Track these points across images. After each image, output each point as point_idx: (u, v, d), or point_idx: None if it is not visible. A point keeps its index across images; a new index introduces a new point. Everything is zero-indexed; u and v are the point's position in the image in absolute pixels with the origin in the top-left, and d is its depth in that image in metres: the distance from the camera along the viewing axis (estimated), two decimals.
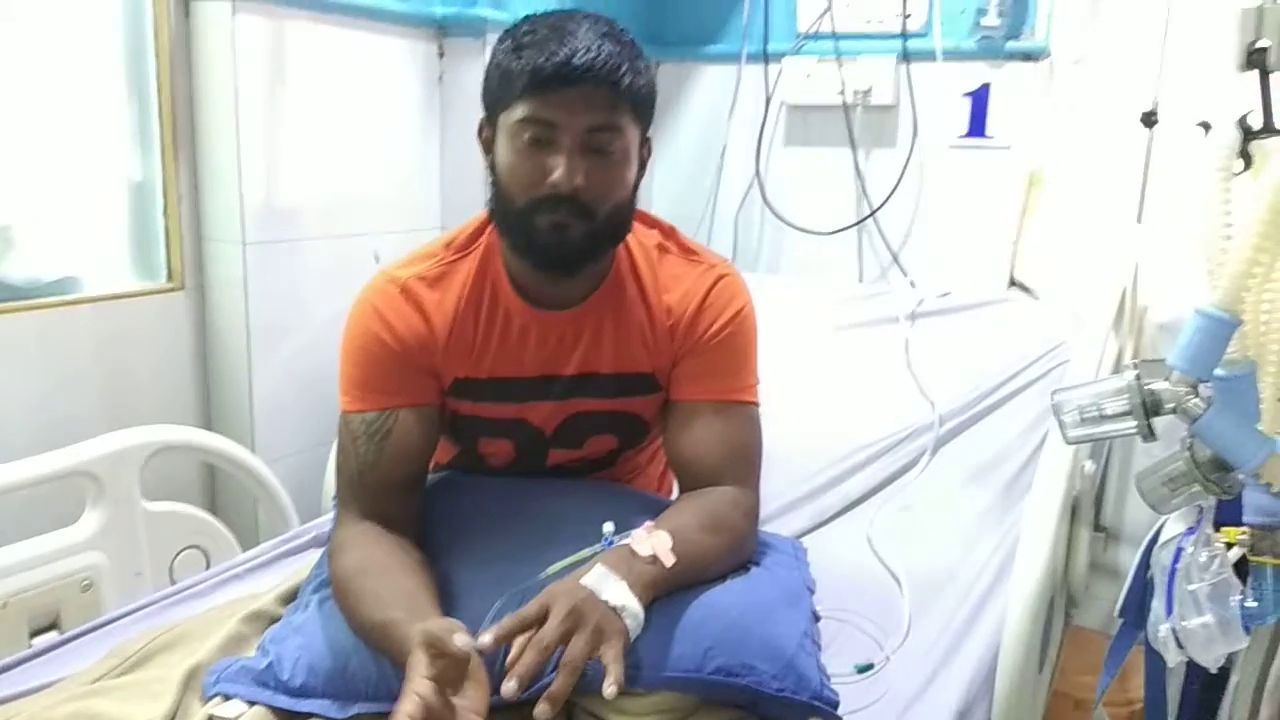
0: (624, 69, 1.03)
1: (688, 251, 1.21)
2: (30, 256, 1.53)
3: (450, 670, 0.85)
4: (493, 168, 1.09)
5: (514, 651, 0.88)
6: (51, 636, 1.28)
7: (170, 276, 1.71)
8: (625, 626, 0.91)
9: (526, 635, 0.89)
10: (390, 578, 1.00)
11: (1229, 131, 0.90)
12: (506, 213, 1.07)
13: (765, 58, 2.28)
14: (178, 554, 1.49)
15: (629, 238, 1.17)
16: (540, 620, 0.89)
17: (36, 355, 1.53)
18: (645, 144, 1.12)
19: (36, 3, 1.49)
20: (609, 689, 0.85)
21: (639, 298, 1.16)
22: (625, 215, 1.10)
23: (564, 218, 1.03)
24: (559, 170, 1.01)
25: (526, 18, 1.07)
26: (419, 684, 0.82)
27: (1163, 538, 1.10)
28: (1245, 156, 0.93)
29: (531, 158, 1.03)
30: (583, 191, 1.02)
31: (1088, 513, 1.40)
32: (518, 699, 0.85)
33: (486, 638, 0.87)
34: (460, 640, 0.84)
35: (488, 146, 1.11)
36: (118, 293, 1.64)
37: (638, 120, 1.08)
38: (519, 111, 1.03)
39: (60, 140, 1.54)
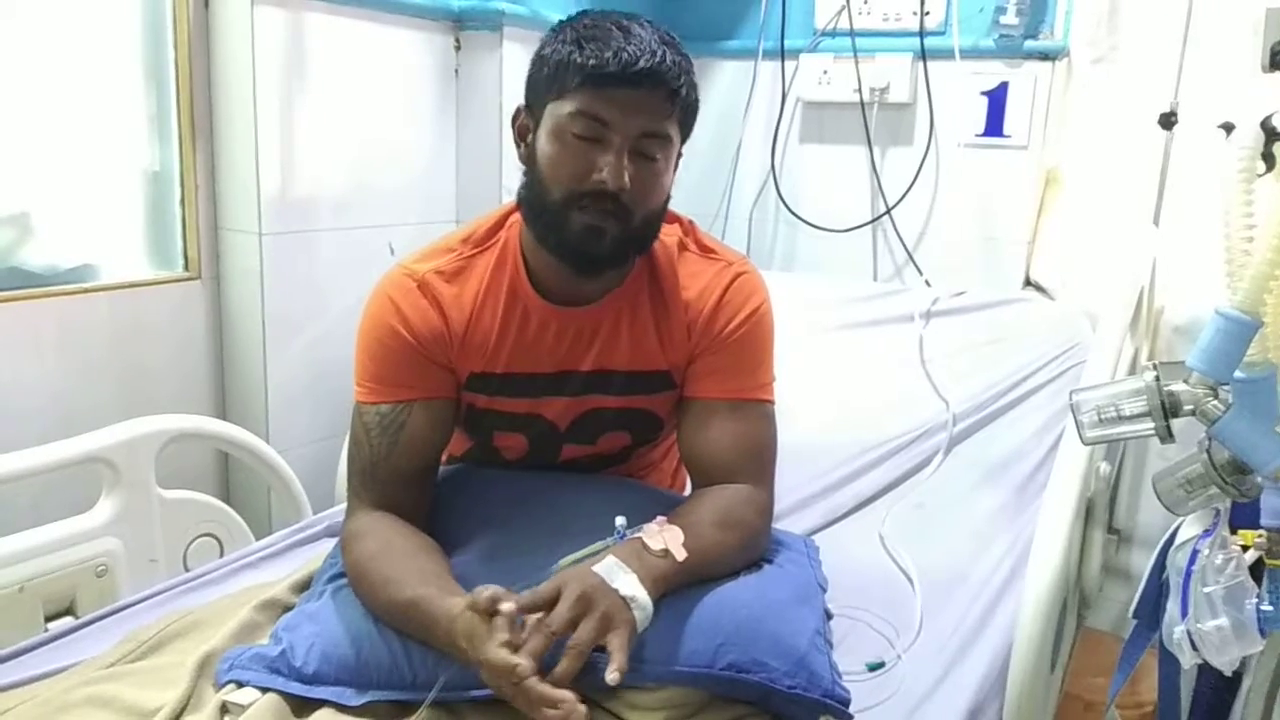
0: (682, 79, 1.04)
1: (706, 249, 1.21)
2: (48, 244, 1.54)
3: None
4: (529, 158, 1.09)
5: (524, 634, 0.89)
6: (67, 621, 1.28)
7: (187, 266, 1.72)
8: (633, 617, 0.91)
9: (536, 617, 0.89)
10: (412, 559, 1.01)
11: (1252, 133, 0.90)
12: (540, 204, 1.07)
13: (782, 54, 2.27)
14: (192, 541, 1.50)
15: None
16: (551, 603, 0.89)
17: (54, 342, 1.54)
18: (679, 155, 1.12)
19: None
20: (611, 675, 0.85)
21: (657, 295, 1.16)
22: (656, 224, 1.11)
23: (601, 220, 1.03)
24: (607, 169, 1.01)
25: (584, 12, 1.07)
26: (495, 653, 0.85)
27: (1179, 540, 1.09)
28: (1268, 158, 0.92)
29: (579, 152, 1.03)
30: (626, 194, 1.02)
31: (1102, 514, 1.40)
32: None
33: (507, 605, 0.87)
34: (507, 605, 0.87)
35: (523, 134, 1.11)
36: (134, 281, 1.65)
37: (682, 131, 1.09)
38: (573, 104, 1.03)
39: (79, 128, 1.55)
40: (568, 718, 0.83)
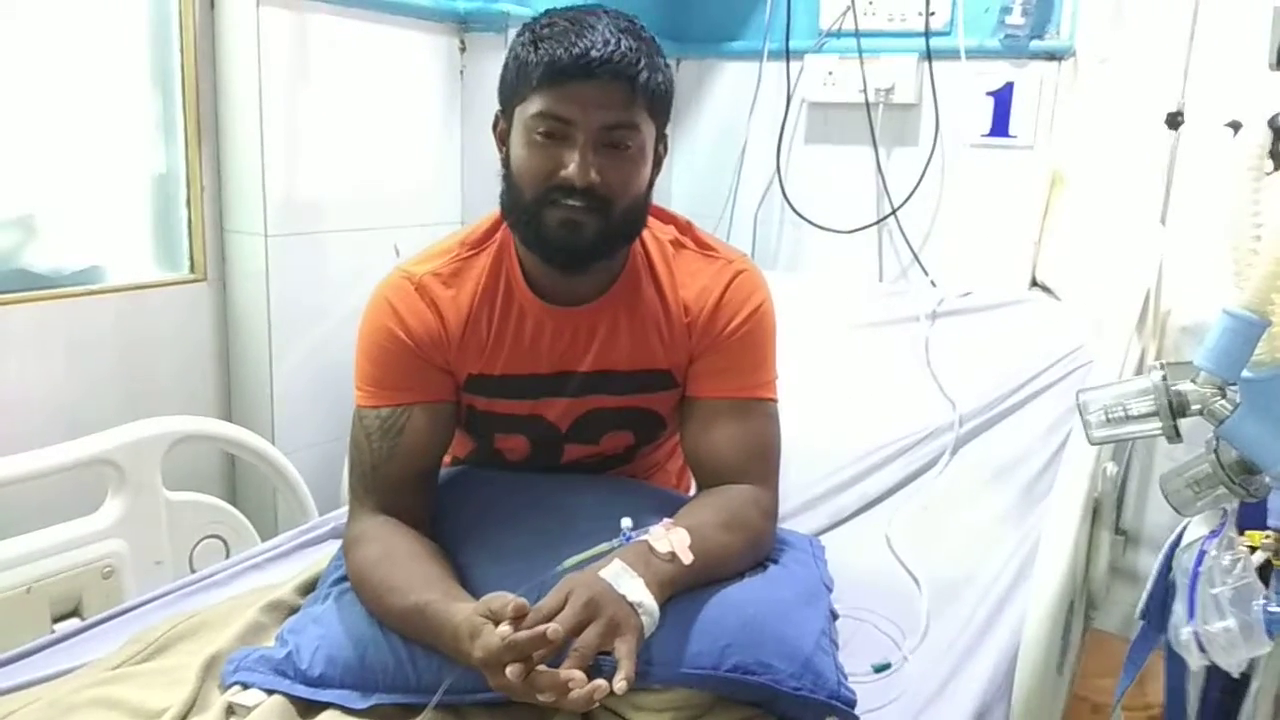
0: (641, 64, 1.02)
1: (704, 247, 1.20)
2: (53, 246, 1.54)
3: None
4: (506, 162, 1.09)
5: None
6: (73, 623, 1.29)
7: (193, 268, 1.72)
8: (641, 623, 0.91)
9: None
10: (416, 564, 1.01)
11: (1260, 131, 0.89)
12: (516, 207, 1.07)
13: (787, 55, 2.27)
14: (198, 543, 1.50)
15: (645, 232, 1.16)
16: (558, 612, 0.89)
17: (60, 344, 1.54)
18: (661, 140, 1.11)
19: None
20: (619, 684, 0.85)
21: (655, 293, 1.16)
22: (640, 213, 1.10)
23: (577, 214, 1.02)
24: (573, 165, 1.01)
25: (546, 12, 1.06)
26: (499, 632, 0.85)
27: (1185, 540, 1.09)
28: (1276, 157, 0.92)
29: (545, 151, 1.03)
30: (601, 187, 1.02)
31: (1109, 515, 1.39)
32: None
33: (506, 627, 0.86)
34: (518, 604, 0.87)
35: (502, 139, 1.11)
36: (140, 283, 1.65)
37: (654, 117, 1.07)
38: (534, 105, 1.02)
39: (84, 130, 1.55)
40: (592, 694, 0.83)
